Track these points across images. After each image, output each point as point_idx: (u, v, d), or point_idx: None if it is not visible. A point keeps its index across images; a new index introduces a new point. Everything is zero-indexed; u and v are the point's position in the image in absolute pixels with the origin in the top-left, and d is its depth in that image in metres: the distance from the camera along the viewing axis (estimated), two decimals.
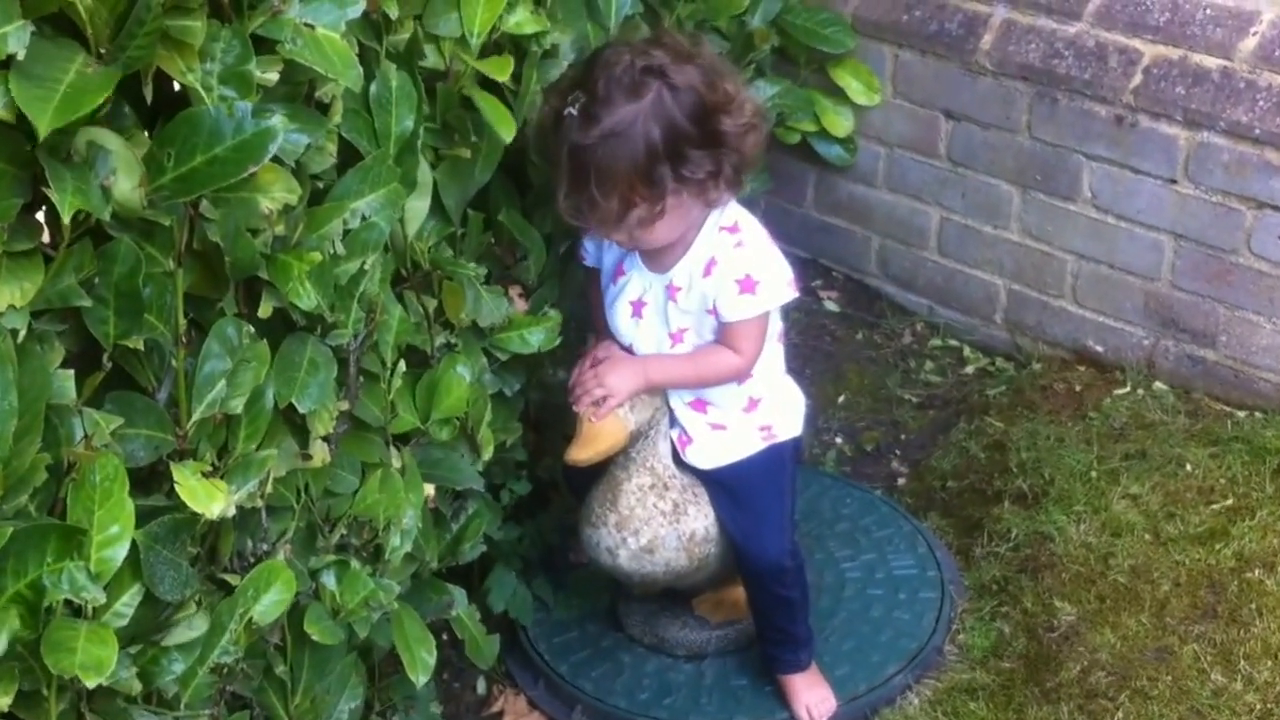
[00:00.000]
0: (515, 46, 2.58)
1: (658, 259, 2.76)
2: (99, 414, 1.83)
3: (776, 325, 2.85)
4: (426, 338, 2.58)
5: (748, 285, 2.68)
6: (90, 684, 1.72)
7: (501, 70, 2.46)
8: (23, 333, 1.68)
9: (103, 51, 1.67)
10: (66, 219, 1.65)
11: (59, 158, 1.67)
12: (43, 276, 1.71)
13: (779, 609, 2.96)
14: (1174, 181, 3.49)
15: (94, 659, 1.73)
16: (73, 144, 1.69)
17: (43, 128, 1.56)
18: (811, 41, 3.75)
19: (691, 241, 2.72)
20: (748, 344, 2.75)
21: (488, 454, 2.73)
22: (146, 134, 1.81)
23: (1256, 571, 3.10)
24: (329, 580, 2.35)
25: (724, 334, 2.74)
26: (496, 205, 2.77)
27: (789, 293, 2.74)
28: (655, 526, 2.84)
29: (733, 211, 2.73)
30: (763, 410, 2.87)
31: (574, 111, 2.53)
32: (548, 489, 3.24)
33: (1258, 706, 2.83)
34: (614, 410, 2.75)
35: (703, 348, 2.78)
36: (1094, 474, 3.39)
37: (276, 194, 1.95)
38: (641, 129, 2.52)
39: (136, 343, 1.85)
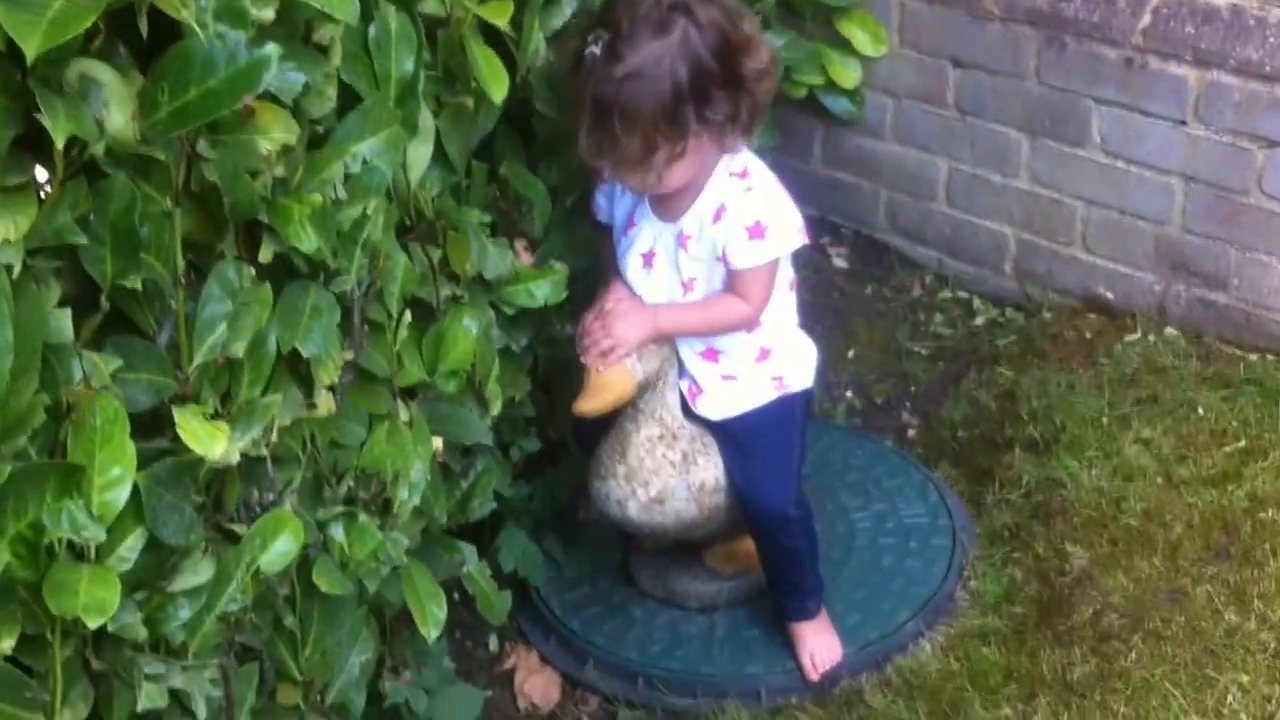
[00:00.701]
0: None
1: (668, 207, 2.74)
2: (98, 356, 1.81)
3: (788, 274, 2.83)
4: (432, 289, 2.55)
5: (757, 231, 2.66)
6: (92, 625, 1.71)
7: (500, 14, 2.43)
8: (17, 268, 1.65)
9: None
10: (60, 144, 1.62)
11: (51, 88, 1.64)
12: (37, 212, 1.68)
13: (785, 559, 2.95)
14: (1184, 123, 3.46)
15: (96, 600, 1.71)
16: (64, 76, 1.66)
17: (30, 50, 1.52)
18: None
19: (702, 188, 2.69)
20: (756, 291, 2.72)
21: (496, 409, 2.70)
22: (142, 74, 1.78)
23: (1269, 512, 3.08)
24: (337, 532, 2.32)
25: (733, 281, 2.72)
26: (501, 157, 2.75)
27: (798, 239, 2.72)
28: (664, 477, 2.82)
29: (742, 157, 2.71)
30: (774, 360, 2.85)
31: (597, 51, 2.50)
32: (557, 447, 3.23)
33: (1272, 644, 2.82)
34: (622, 361, 2.72)
35: (711, 296, 2.76)
36: (1105, 419, 3.37)
37: (275, 134, 1.93)
38: (669, 67, 2.50)
39: (134, 283, 1.82)
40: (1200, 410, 3.36)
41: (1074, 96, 3.59)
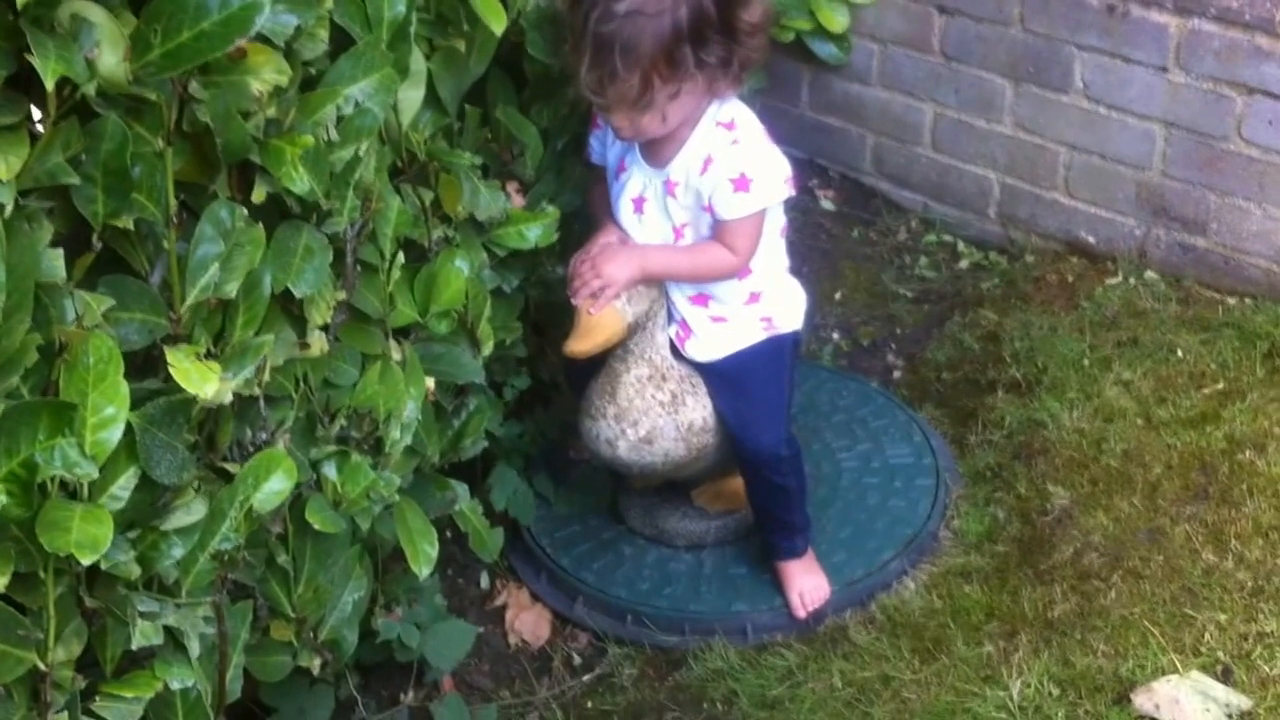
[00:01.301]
0: None
1: (656, 153, 2.70)
2: (90, 295, 1.78)
3: (779, 220, 2.79)
4: (424, 230, 2.52)
5: (742, 183, 2.62)
6: (85, 562, 1.68)
7: None
8: (9, 208, 1.62)
9: None
10: (50, 85, 1.59)
11: (42, 28, 1.60)
12: (29, 152, 1.65)
13: (775, 497, 2.92)
14: (1165, 70, 3.44)
15: (89, 537, 1.69)
16: (56, 16, 1.62)
17: None
18: None
19: (688, 137, 2.66)
20: (742, 242, 2.69)
21: (488, 349, 2.67)
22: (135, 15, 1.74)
23: (1247, 453, 3.07)
24: (330, 471, 2.30)
25: (719, 231, 2.69)
26: (493, 100, 2.71)
27: (784, 191, 2.69)
28: (653, 417, 2.80)
29: (730, 108, 2.67)
30: (764, 303, 2.82)
31: None
32: (548, 386, 3.20)
33: (1249, 583, 2.80)
34: (611, 302, 2.69)
35: (700, 243, 2.73)
36: (1086, 361, 3.36)
37: (266, 75, 1.89)
38: (670, 6, 2.48)
39: (126, 223, 1.79)
40: (1179, 353, 3.35)
41: (1057, 43, 3.57)
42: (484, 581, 3.11)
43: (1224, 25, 3.32)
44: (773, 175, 2.65)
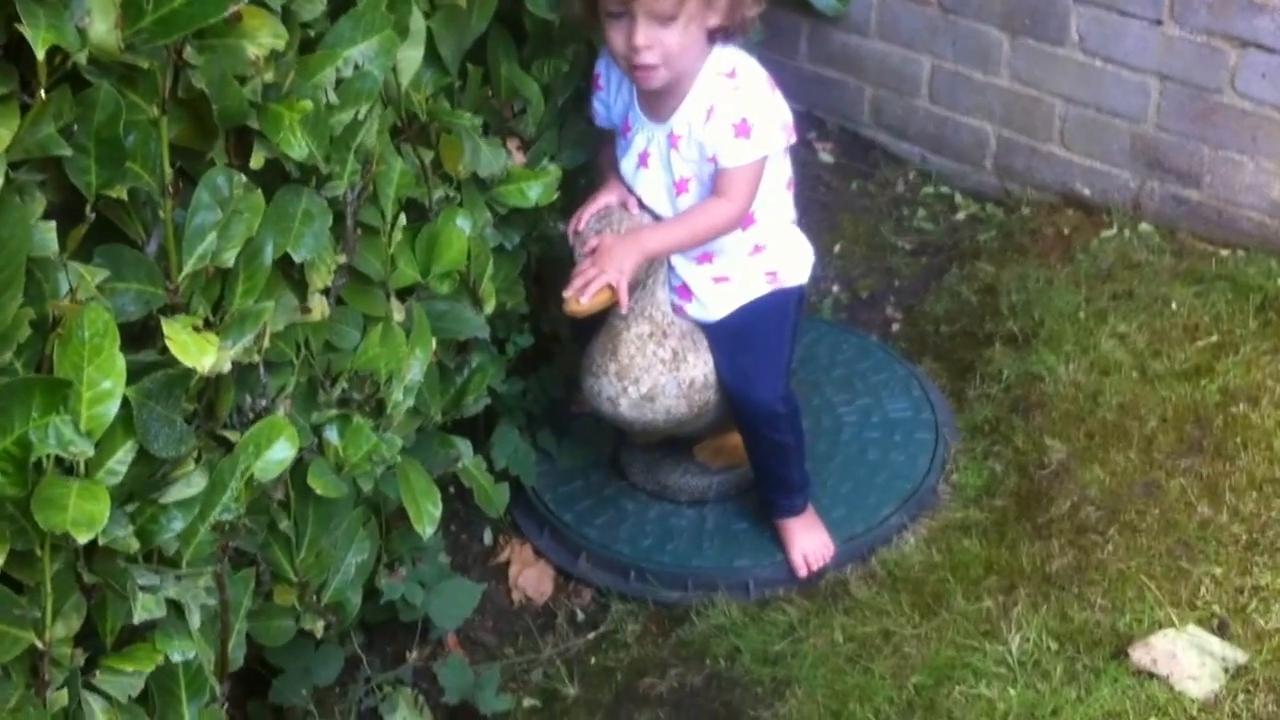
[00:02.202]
0: None
1: (657, 108, 2.62)
2: (83, 267, 1.68)
3: (785, 173, 2.72)
4: (425, 190, 2.42)
5: (743, 129, 2.55)
6: (82, 539, 1.60)
7: None
8: (0, 181, 1.51)
9: None
10: (40, 55, 1.49)
11: None
12: (19, 123, 1.55)
13: (773, 454, 2.85)
14: (1159, 23, 3.35)
15: (86, 515, 1.61)
16: None
17: None
18: None
19: (689, 89, 2.58)
20: (740, 190, 2.60)
21: (489, 308, 2.60)
22: None
23: (1241, 406, 3.01)
24: (332, 435, 2.22)
25: (719, 180, 2.60)
26: (494, 56, 2.62)
27: (784, 138, 2.61)
28: (655, 374, 2.73)
29: (731, 56, 2.59)
30: (768, 255, 2.74)
31: None
32: (550, 341, 3.12)
33: (1243, 537, 2.76)
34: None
35: (694, 206, 2.65)
36: (1082, 314, 3.29)
37: (263, 39, 1.79)
38: None
39: (120, 192, 1.70)
40: (1174, 305, 3.29)
41: None
42: (487, 538, 3.04)
43: None
44: (773, 121, 2.58)
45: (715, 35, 2.55)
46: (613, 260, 2.57)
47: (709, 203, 2.63)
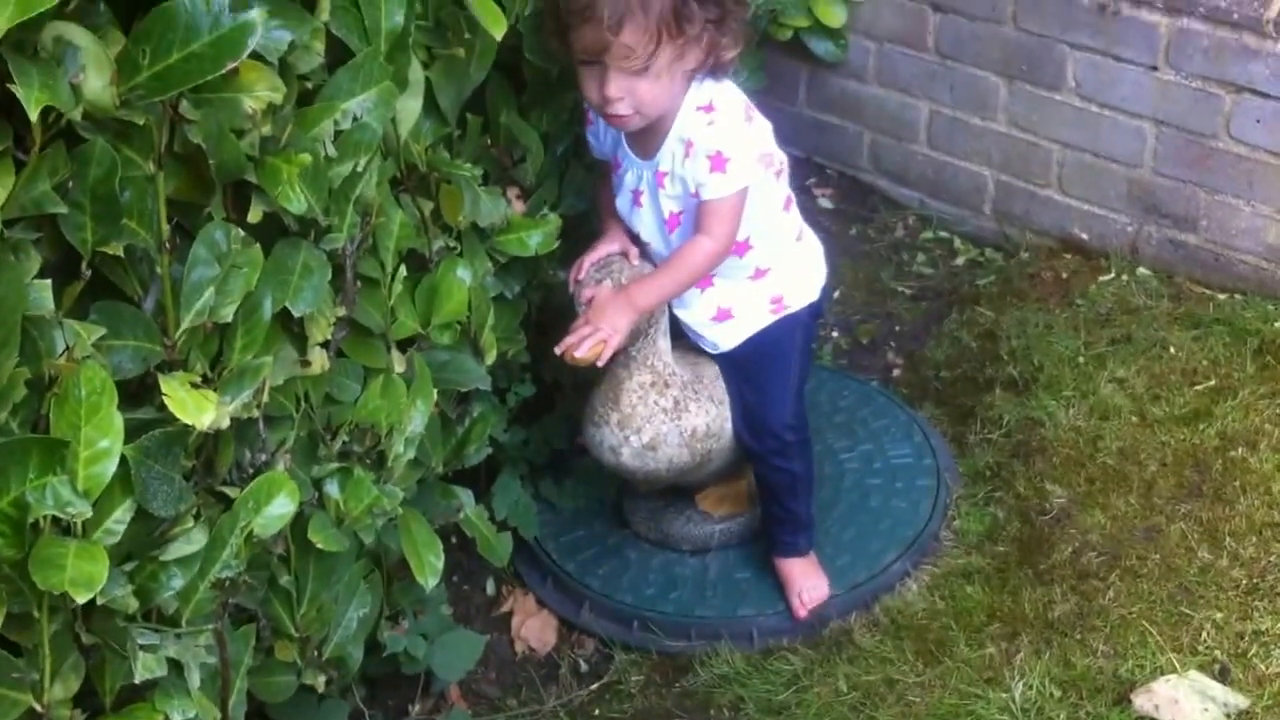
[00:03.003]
0: None
1: (643, 146, 2.59)
2: (79, 324, 1.64)
3: (779, 195, 2.68)
4: (425, 240, 2.38)
5: (718, 162, 2.50)
6: (80, 600, 1.56)
7: None
8: None
9: None
10: (34, 116, 1.45)
11: (24, 54, 1.46)
12: (14, 181, 1.51)
13: (781, 484, 2.82)
14: (1155, 68, 3.33)
15: (84, 575, 1.56)
16: (39, 40, 1.48)
17: (1, 23, 1.35)
18: None
19: (670, 126, 2.54)
20: (721, 224, 2.56)
21: (491, 358, 2.55)
22: (124, 33, 1.60)
23: (1239, 450, 2.98)
24: (332, 488, 2.17)
25: (700, 215, 2.57)
26: (494, 105, 2.58)
27: (761, 168, 2.57)
28: (657, 424, 2.69)
29: (709, 90, 2.54)
30: (772, 279, 2.71)
31: None
32: (552, 391, 3.07)
33: (1244, 581, 2.73)
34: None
35: (677, 250, 2.61)
36: (1081, 359, 3.26)
37: (260, 92, 1.75)
38: None
39: (116, 249, 1.65)
40: (1172, 349, 3.25)
41: (1050, 41, 3.47)
42: (490, 588, 3.00)
43: (1213, 24, 3.22)
44: (748, 153, 2.54)
45: (694, 74, 2.51)
46: (606, 318, 2.54)
47: (691, 243, 2.59)
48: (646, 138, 2.57)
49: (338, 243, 2.03)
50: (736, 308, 2.72)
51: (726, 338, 2.74)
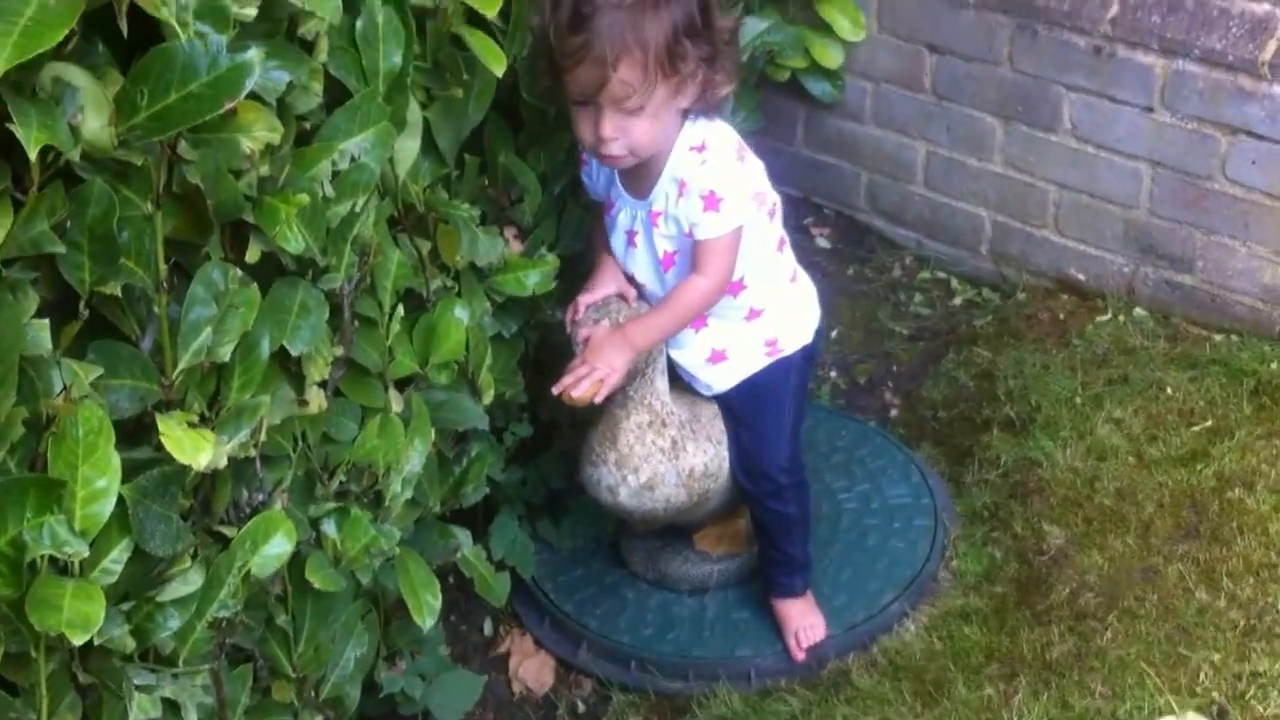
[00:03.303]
0: None
1: (637, 185, 2.58)
2: (77, 364, 1.64)
3: (773, 235, 2.68)
4: (422, 280, 2.38)
5: (711, 202, 2.50)
6: (77, 641, 1.55)
7: (490, 5, 2.25)
8: None
9: None
10: (33, 155, 1.45)
11: (23, 95, 1.47)
12: (12, 221, 1.51)
13: (776, 526, 2.82)
14: (1151, 110, 3.33)
15: (81, 615, 1.56)
16: (37, 80, 1.49)
17: (1, 64, 1.35)
18: None
19: (664, 164, 2.53)
20: (716, 263, 2.55)
21: (488, 398, 2.55)
22: (122, 73, 1.60)
23: (1236, 491, 2.98)
24: (330, 529, 2.16)
25: (695, 254, 2.56)
26: (491, 145, 2.59)
27: (754, 207, 2.57)
28: (654, 464, 2.68)
29: (702, 129, 2.54)
30: (766, 321, 2.71)
31: None
32: (549, 430, 3.06)
33: (1241, 622, 2.72)
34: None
35: (673, 289, 2.61)
36: (1078, 399, 3.25)
37: (258, 133, 1.74)
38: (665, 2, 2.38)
39: (114, 289, 1.65)
40: (1169, 390, 3.25)
41: (1046, 83, 3.47)
42: (487, 628, 2.99)
43: (1208, 67, 3.22)
44: (741, 194, 2.53)
45: (687, 113, 2.51)
46: (603, 357, 2.53)
47: (687, 283, 2.58)
48: (640, 178, 2.57)
49: (335, 282, 2.03)
50: (731, 349, 2.71)
51: (721, 380, 2.73)
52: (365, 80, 2.08)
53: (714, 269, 2.55)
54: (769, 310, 2.70)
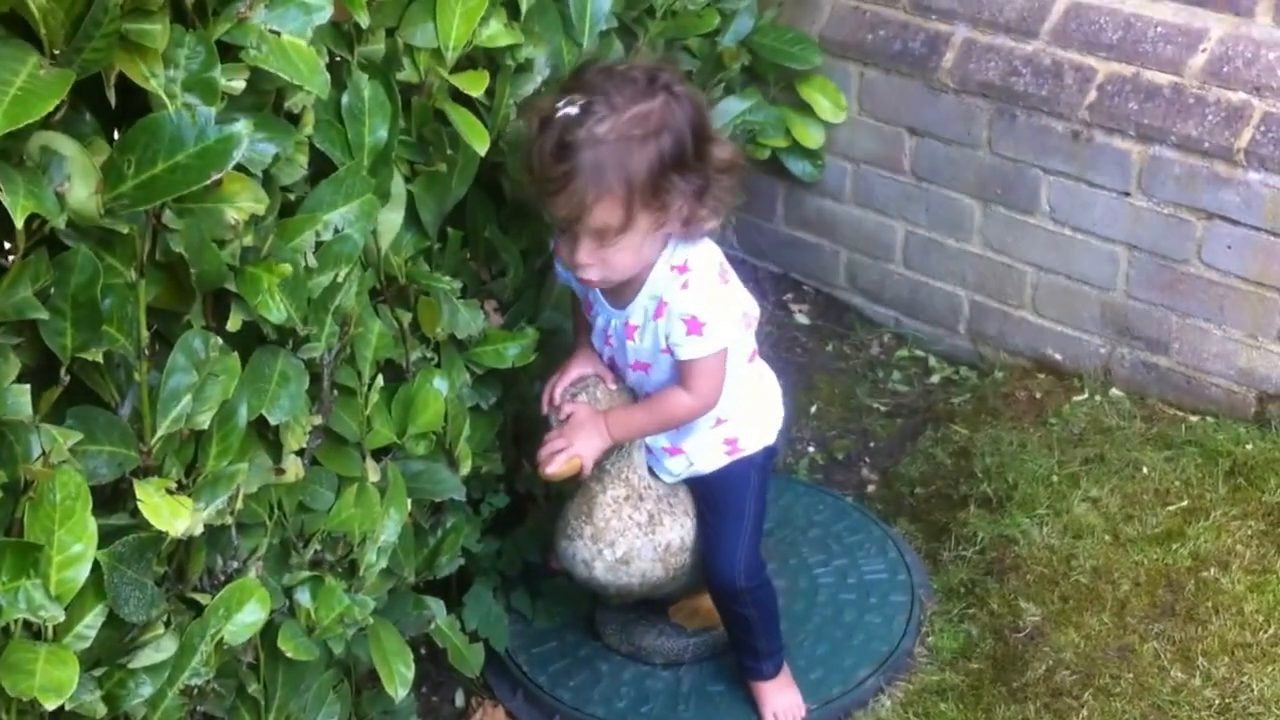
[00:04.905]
0: (489, 60, 2.40)
1: (616, 293, 2.54)
2: (56, 429, 1.65)
3: (749, 346, 2.65)
4: (402, 351, 2.40)
5: (694, 326, 2.46)
6: (50, 706, 1.56)
7: (476, 84, 2.29)
8: None
9: (57, 53, 1.50)
10: (19, 223, 1.46)
11: (11, 162, 1.49)
12: None
13: (737, 624, 2.79)
14: (1127, 194, 3.37)
15: (54, 681, 1.57)
16: (25, 149, 1.51)
17: None
18: (779, 59, 3.58)
19: (644, 280, 2.49)
20: (701, 382, 2.53)
21: (466, 468, 2.56)
22: (109, 141, 1.63)
23: (1212, 570, 2.98)
24: (303, 597, 2.17)
25: (681, 372, 2.53)
26: (474, 219, 2.61)
27: (739, 329, 2.55)
28: (631, 538, 2.67)
29: (683, 251, 2.49)
30: (729, 426, 2.67)
31: (573, 111, 2.30)
32: (525, 502, 3.06)
33: (1216, 701, 2.72)
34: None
35: (657, 393, 2.59)
36: (1055, 478, 3.26)
37: (243, 203, 1.76)
38: (655, 130, 2.32)
39: (95, 355, 1.66)
40: (1145, 470, 3.26)
41: (1024, 166, 3.50)
42: (459, 699, 2.95)
43: (1184, 153, 3.26)
44: (723, 318, 2.48)
45: (670, 237, 2.46)
46: (580, 437, 2.53)
47: (672, 394, 2.55)
48: (619, 288, 2.52)
49: (316, 352, 2.04)
50: (689, 446, 2.68)
51: (680, 469, 2.71)
52: (350, 154, 2.11)
53: (700, 388, 2.53)
54: (733, 418, 2.67)
